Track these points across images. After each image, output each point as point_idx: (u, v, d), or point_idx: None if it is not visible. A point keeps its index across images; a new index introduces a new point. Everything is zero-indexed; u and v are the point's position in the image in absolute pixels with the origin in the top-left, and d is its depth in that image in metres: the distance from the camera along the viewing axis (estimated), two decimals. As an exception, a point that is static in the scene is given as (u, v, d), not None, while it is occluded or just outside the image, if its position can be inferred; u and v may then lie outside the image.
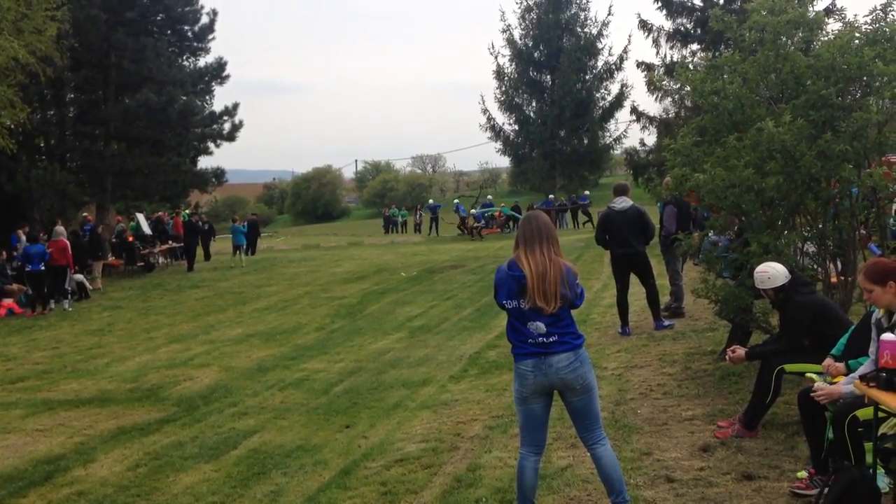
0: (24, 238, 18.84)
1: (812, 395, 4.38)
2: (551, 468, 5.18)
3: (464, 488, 5.01)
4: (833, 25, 7.36)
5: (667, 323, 9.67)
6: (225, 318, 14.47)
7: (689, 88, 7.51)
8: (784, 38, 6.92)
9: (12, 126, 17.09)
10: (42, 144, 25.04)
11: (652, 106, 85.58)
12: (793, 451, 5.06)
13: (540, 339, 4.12)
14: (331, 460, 5.99)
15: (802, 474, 4.51)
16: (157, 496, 5.54)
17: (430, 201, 41.41)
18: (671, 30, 27.73)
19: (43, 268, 16.74)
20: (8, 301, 17.00)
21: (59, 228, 18.37)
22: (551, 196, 37.15)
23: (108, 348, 11.95)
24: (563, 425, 6.14)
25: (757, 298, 6.65)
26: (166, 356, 11.01)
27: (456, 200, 37.61)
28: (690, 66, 8.50)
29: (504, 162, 55.02)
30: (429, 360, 9.52)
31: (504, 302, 4.20)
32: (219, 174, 30.34)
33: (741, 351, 5.69)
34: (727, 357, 5.94)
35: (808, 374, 4.90)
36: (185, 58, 29.27)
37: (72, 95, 26.36)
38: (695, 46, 27.10)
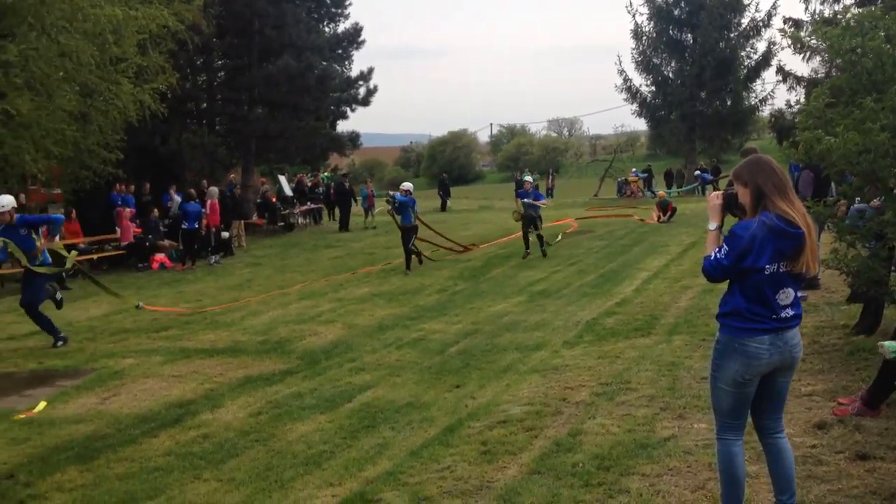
0: (176, 197, 20.19)
1: None
2: (654, 438, 5.10)
3: (563, 452, 5.01)
4: None
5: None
6: (354, 277, 14.98)
7: (826, 45, 7.03)
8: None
9: (164, 90, 18.15)
10: (193, 109, 26.48)
11: (801, 66, 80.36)
12: (917, 434, 4.75)
13: (783, 312, 3.55)
14: (437, 418, 6.14)
15: (923, 459, 4.23)
16: (273, 442, 5.87)
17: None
18: (824, -18, 25.81)
19: (197, 226, 17.94)
20: (160, 256, 18.38)
21: (213, 189, 19.59)
22: None
23: (244, 302, 12.67)
24: (673, 395, 6.03)
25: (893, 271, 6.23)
26: (296, 312, 11.56)
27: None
28: (836, 22, 7.91)
29: (640, 124, 53.31)
30: (545, 324, 9.50)
31: (765, 266, 3.48)
32: (353, 138, 31.15)
33: None
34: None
35: None
36: (323, 24, 30.06)
37: (219, 62, 27.66)
38: (848, 1, 25.14)
